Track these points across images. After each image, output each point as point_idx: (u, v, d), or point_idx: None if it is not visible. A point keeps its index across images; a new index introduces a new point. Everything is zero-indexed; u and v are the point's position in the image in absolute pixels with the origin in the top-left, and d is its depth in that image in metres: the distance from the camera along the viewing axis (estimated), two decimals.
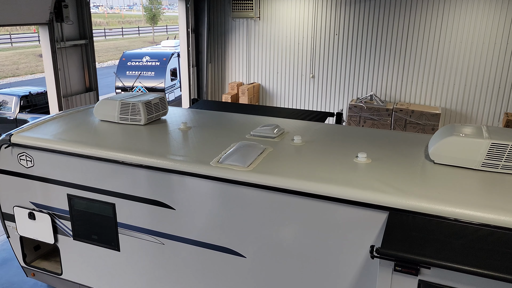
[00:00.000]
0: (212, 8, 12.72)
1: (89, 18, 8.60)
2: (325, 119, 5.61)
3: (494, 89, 10.57)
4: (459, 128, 3.59)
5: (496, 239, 2.64)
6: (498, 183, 3.17)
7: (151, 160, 3.75)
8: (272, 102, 12.90)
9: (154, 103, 4.81)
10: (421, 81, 11.15)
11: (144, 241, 4.03)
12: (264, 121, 4.93)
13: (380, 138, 4.30)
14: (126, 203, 3.98)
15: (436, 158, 3.52)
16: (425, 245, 2.61)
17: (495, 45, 10.31)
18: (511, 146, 3.23)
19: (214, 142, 4.15)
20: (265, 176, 3.37)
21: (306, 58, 12.20)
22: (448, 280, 2.64)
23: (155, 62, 15.77)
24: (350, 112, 11.21)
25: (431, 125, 10.43)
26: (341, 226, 3.19)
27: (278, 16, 12.14)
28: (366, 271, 3.20)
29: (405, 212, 2.95)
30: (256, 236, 3.51)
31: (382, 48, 11.33)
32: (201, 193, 3.63)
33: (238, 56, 12.97)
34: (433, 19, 10.65)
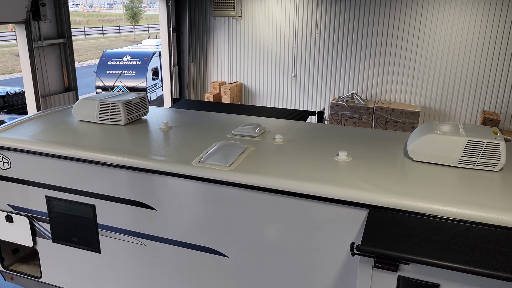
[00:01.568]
0: (193, 7, 12.66)
1: (68, 17, 8.46)
2: (307, 118, 5.65)
3: (472, 87, 10.80)
4: (436, 126, 3.66)
5: (472, 234, 2.70)
6: (474, 179, 3.24)
7: (132, 160, 3.71)
8: (254, 101, 12.92)
9: (134, 102, 4.76)
10: (401, 80, 11.32)
11: (125, 243, 3.99)
12: (246, 120, 4.93)
13: (361, 136, 4.35)
14: (106, 204, 3.93)
15: (414, 155, 3.58)
16: (403, 242, 2.65)
17: (472, 44, 10.53)
18: (486, 143, 3.31)
19: (195, 141, 4.13)
20: (247, 175, 3.37)
21: (288, 57, 12.25)
22: (426, 276, 2.69)
23: (136, 61, 15.61)
24: (332, 110, 11.30)
25: (411, 123, 10.59)
26: (323, 224, 3.22)
27: (260, 15, 12.16)
28: (348, 268, 3.24)
29: (384, 209, 2.99)
30: (238, 235, 3.52)
31: (362, 47, 11.45)
32: (182, 193, 3.61)
33: (220, 55, 12.94)
34: (412, 19, 10.81)
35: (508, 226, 2.72)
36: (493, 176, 3.29)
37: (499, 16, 10.18)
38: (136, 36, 44.46)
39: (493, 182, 3.18)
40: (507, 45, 10.28)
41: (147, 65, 15.44)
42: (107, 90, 15.12)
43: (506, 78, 10.47)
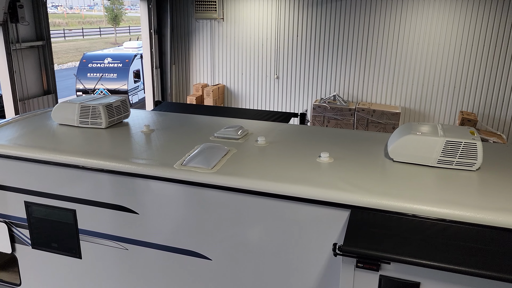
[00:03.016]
0: (175, 9, 12.60)
1: (46, 19, 8.33)
2: (289, 120, 5.68)
3: (450, 88, 11.02)
4: (415, 126, 3.72)
5: (451, 233, 2.75)
6: (453, 179, 3.30)
7: (113, 164, 3.67)
8: (237, 103, 12.92)
9: (115, 105, 4.71)
10: (381, 81, 11.48)
11: (106, 247, 3.94)
12: (228, 122, 4.93)
13: (342, 137, 4.39)
14: (87, 209, 3.88)
15: (394, 156, 3.63)
16: (385, 241, 2.68)
17: (450, 46, 10.75)
18: (464, 143, 3.38)
19: (177, 144, 4.11)
20: (229, 177, 3.37)
21: (270, 59, 12.30)
22: (407, 274, 2.73)
23: (117, 63, 15.45)
24: (314, 112, 11.38)
25: (391, 124, 10.75)
26: (305, 225, 3.23)
27: (242, 17, 12.18)
28: (331, 268, 3.26)
29: (366, 209, 3.03)
30: (221, 238, 3.51)
31: (344, 49, 11.57)
32: (165, 196, 3.58)
33: (202, 58, 12.91)
34: (392, 22, 10.98)
35: (485, 224, 2.78)
36: (471, 175, 3.36)
37: (475, 20, 10.42)
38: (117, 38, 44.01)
39: (471, 181, 3.25)
40: (483, 47, 10.53)
41: (128, 67, 15.30)
42: (88, 93, 14.93)
43: (483, 80, 10.72)
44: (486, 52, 10.52)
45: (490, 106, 10.86)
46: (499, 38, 10.38)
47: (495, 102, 10.80)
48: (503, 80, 10.60)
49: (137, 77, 16.01)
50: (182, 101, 13.45)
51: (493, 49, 10.48)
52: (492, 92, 10.76)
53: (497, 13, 10.25)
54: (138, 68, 15.98)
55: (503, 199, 2.98)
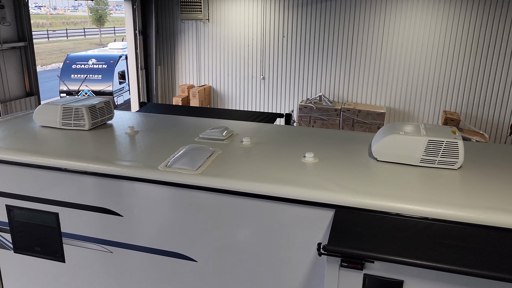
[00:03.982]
0: (160, 9, 12.54)
1: (28, 19, 8.20)
2: (275, 120, 5.69)
3: (433, 88, 11.17)
4: (399, 126, 3.76)
5: (434, 231, 2.79)
6: (435, 177, 3.35)
7: (96, 166, 3.63)
8: (223, 104, 12.90)
9: (99, 107, 4.66)
10: (366, 82, 11.57)
11: (90, 250, 3.89)
12: (214, 123, 4.92)
13: (328, 137, 4.41)
14: (70, 212, 3.83)
15: (378, 155, 3.67)
16: (368, 240, 2.71)
17: (433, 47, 10.90)
18: (446, 142, 3.43)
19: (162, 146, 4.08)
20: (214, 178, 3.36)
21: (256, 59, 12.31)
22: (391, 273, 2.76)
23: (102, 64, 15.30)
24: (300, 112, 11.43)
25: (377, 123, 10.84)
26: (290, 225, 3.24)
27: (227, 18, 12.17)
28: (316, 268, 3.27)
29: (350, 209, 3.05)
30: (207, 239, 3.50)
31: (329, 50, 11.64)
32: (149, 198, 3.56)
33: (188, 58, 12.87)
34: (376, 23, 11.09)
35: (467, 222, 2.82)
36: (453, 174, 3.41)
37: (458, 21, 10.58)
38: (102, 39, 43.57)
39: (453, 180, 3.30)
40: (465, 48, 10.70)
41: (113, 68, 15.16)
42: (72, 95, 14.75)
43: (465, 80, 10.90)
44: (469, 53, 10.70)
45: (473, 106, 11.04)
46: (480, 39, 10.56)
47: (477, 102, 10.98)
48: (485, 81, 10.78)
49: (122, 78, 15.87)
50: (168, 102, 13.37)
51: (475, 50, 10.65)
52: (475, 92, 10.93)
53: (478, 15, 10.42)
54: (123, 69, 15.84)
55: (484, 197, 3.03)
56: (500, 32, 10.41)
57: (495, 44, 10.52)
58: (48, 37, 46.12)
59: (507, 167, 3.61)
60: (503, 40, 10.44)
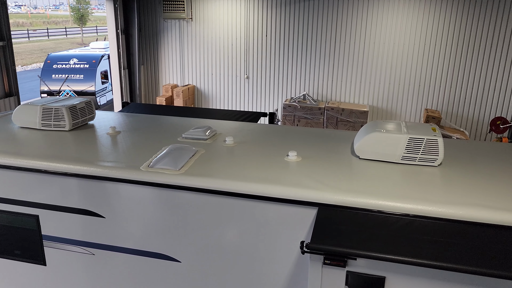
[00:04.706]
0: (142, 8, 12.42)
1: (6, 19, 8.04)
2: (258, 119, 5.69)
3: (415, 87, 11.32)
4: (380, 124, 3.80)
5: (415, 227, 2.82)
6: (416, 174, 3.39)
7: (77, 167, 3.58)
8: (208, 104, 12.86)
9: (79, 107, 4.59)
10: (350, 81, 11.67)
11: (72, 253, 3.84)
12: (197, 123, 4.89)
13: (311, 136, 4.43)
14: (50, 214, 3.76)
15: (361, 153, 3.70)
16: (351, 238, 2.72)
17: (415, 46, 11.04)
18: (426, 139, 3.47)
19: (144, 146, 4.05)
20: (197, 178, 3.34)
21: (240, 59, 12.30)
22: (373, 269, 2.78)
23: (83, 64, 15.10)
24: (284, 111, 11.46)
25: (360, 122, 10.93)
26: (274, 224, 3.25)
27: (211, 17, 12.13)
28: (300, 266, 3.28)
29: (333, 206, 3.06)
30: (190, 239, 3.48)
31: (313, 49, 11.70)
32: (131, 199, 3.52)
33: (171, 58, 12.78)
34: (359, 23, 11.18)
35: (447, 218, 2.87)
36: (433, 170, 3.46)
37: (438, 21, 10.74)
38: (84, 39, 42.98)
39: (433, 177, 3.35)
40: (446, 47, 10.87)
41: (95, 68, 14.98)
42: (53, 95, 14.52)
43: (446, 78, 11.07)
44: (449, 52, 10.87)
45: (454, 104, 11.22)
46: (460, 39, 10.74)
47: (458, 100, 11.17)
48: (465, 79, 10.97)
49: (105, 78, 15.68)
50: (151, 102, 13.27)
51: (455, 49, 10.83)
52: (455, 90, 11.11)
53: (458, 15, 10.60)
54: (106, 69, 15.65)
55: (463, 193, 3.08)
56: (479, 32, 10.60)
57: (474, 44, 10.71)
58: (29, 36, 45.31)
59: (486, 163, 3.68)
60: (482, 40, 10.64)
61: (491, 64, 10.77)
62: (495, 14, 10.43)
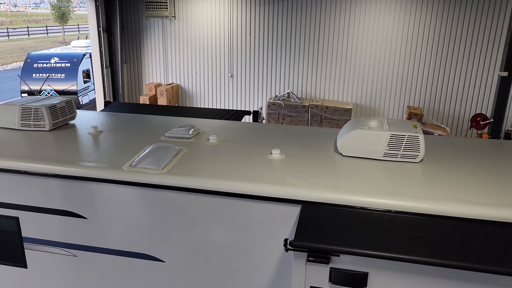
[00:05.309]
0: (124, 6, 12.28)
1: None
2: (242, 118, 5.68)
3: (398, 84, 11.45)
4: (363, 121, 3.83)
5: (397, 223, 2.86)
6: (398, 171, 3.43)
7: (58, 168, 3.52)
8: (192, 103, 12.79)
9: (60, 107, 4.52)
10: (333, 78, 11.73)
11: (54, 255, 3.78)
12: (180, 122, 4.86)
13: (294, 134, 4.44)
14: (31, 216, 3.70)
15: (343, 151, 3.72)
16: (334, 235, 2.74)
17: (397, 44, 11.17)
18: (407, 136, 3.52)
19: (126, 145, 4.00)
20: (180, 177, 3.32)
21: (224, 57, 12.27)
22: (356, 265, 2.81)
23: (65, 63, 14.87)
24: (269, 109, 11.47)
25: (344, 119, 11.01)
26: (258, 223, 3.25)
27: (194, 15, 12.06)
28: (285, 263, 3.29)
29: (316, 204, 3.08)
30: (174, 239, 3.46)
31: (296, 47, 11.73)
32: (114, 199, 3.48)
33: (155, 56, 12.67)
34: (342, 21, 11.25)
35: (428, 213, 2.91)
36: (415, 167, 3.51)
37: (419, 20, 10.88)
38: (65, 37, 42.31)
39: (414, 173, 3.39)
40: (427, 45, 11.02)
41: (77, 67, 14.76)
42: (34, 94, 14.27)
43: (427, 76, 11.23)
44: (430, 50, 11.02)
45: (435, 101, 11.39)
46: (441, 37, 10.89)
47: (439, 97, 11.33)
48: (446, 77, 11.14)
49: (87, 77, 15.47)
50: (135, 101, 13.13)
51: (436, 48, 10.98)
52: (437, 88, 11.28)
53: (438, 13, 10.75)
54: (88, 67, 15.45)
55: (444, 189, 3.13)
56: (459, 31, 10.77)
57: (454, 42, 10.88)
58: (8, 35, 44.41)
59: (466, 159, 3.74)
60: (462, 39, 10.81)
61: (471, 62, 10.95)
62: (474, 13, 10.61)
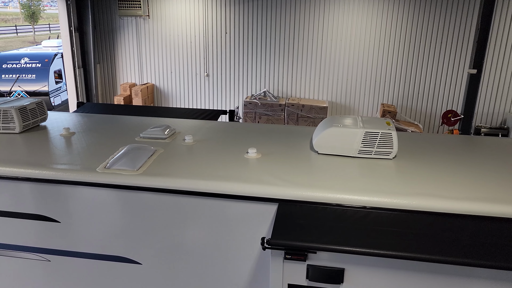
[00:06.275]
0: (96, 5, 12.05)
1: None
2: (218, 117, 5.66)
3: (372, 82, 11.63)
4: (337, 119, 3.87)
5: (371, 219, 2.90)
6: (372, 167, 3.49)
7: (28, 171, 3.43)
8: (167, 103, 12.68)
9: (30, 108, 4.40)
10: (309, 77, 11.83)
11: (26, 260, 3.68)
12: (155, 122, 4.81)
13: (271, 133, 4.46)
14: (1, 221, 3.59)
15: (319, 148, 3.76)
16: (310, 232, 2.77)
17: (370, 43, 11.35)
18: (381, 133, 3.58)
19: (100, 147, 3.93)
20: (156, 178, 3.29)
21: (200, 56, 12.20)
22: (332, 262, 2.84)
23: (35, 63, 14.49)
24: (245, 109, 11.47)
25: (320, 117, 11.12)
26: (235, 222, 3.24)
27: (168, 14, 11.95)
28: (262, 262, 3.30)
29: (293, 202, 3.10)
30: (151, 241, 3.42)
31: (272, 46, 11.77)
32: (88, 202, 3.42)
33: (129, 56, 12.49)
34: (316, 20, 11.35)
35: (401, 208, 2.97)
36: (388, 163, 3.57)
37: (391, 19, 11.08)
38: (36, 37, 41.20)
39: (388, 169, 3.45)
40: (399, 44, 11.24)
41: (48, 67, 14.41)
42: (3, 96, 13.86)
43: (400, 74, 11.45)
44: (402, 48, 11.24)
45: (408, 99, 11.63)
46: (412, 36, 11.13)
47: (412, 95, 11.58)
48: (418, 74, 11.39)
49: (59, 77, 15.12)
50: (109, 101, 12.91)
51: (408, 46, 11.21)
52: (409, 85, 11.52)
53: (409, 13, 10.97)
54: (60, 68, 15.09)
55: (416, 184, 3.20)
56: (429, 30, 11.03)
57: (425, 41, 11.13)
58: None
59: (438, 155, 3.83)
60: (433, 37, 11.07)
61: (442, 60, 11.23)
62: (444, 13, 10.88)
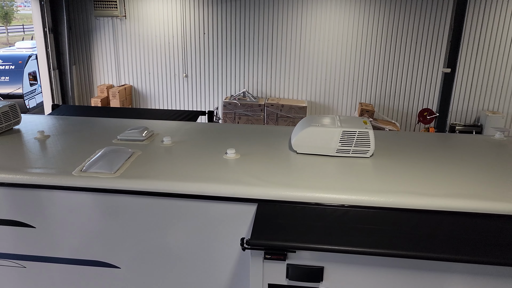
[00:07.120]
0: (71, 5, 11.83)
1: None
2: (197, 118, 5.62)
3: (350, 82, 11.77)
4: (316, 119, 3.90)
5: (350, 217, 2.94)
6: (350, 166, 3.53)
7: (1, 175, 3.34)
8: (146, 104, 12.54)
9: (2, 111, 4.29)
10: (288, 77, 11.89)
11: (0, 267, 3.58)
12: (133, 124, 4.75)
13: (250, 133, 4.46)
14: None
15: (298, 148, 3.78)
16: (290, 231, 2.78)
17: (347, 43, 11.48)
18: (358, 132, 3.62)
19: (76, 150, 3.86)
20: (134, 180, 3.25)
21: (178, 57, 12.11)
22: (311, 260, 2.86)
23: (9, 65, 14.15)
24: (225, 109, 11.45)
25: (299, 117, 11.19)
26: (215, 223, 3.23)
27: (145, 15, 11.82)
28: (242, 263, 3.30)
29: (272, 202, 3.11)
30: (129, 244, 3.38)
31: (251, 46, 11.78)
32: (64, 206, 3.35)
33: (106, 57, 12.31)
34: (295, 21, 11.42)
35: (379, 206, 3.01)
36: (366, 162, 3.62)
37: (368, 19, 11.24)
38: (9, 38, 40.19)
39: (365, 168, 3.50)
40: (376, 44, 11.40)
41: (22, 69, 14.08)
42: None
43: (377, 74, 11.62)
44: (379, 49, 11.41)
45: (385, 98, 11.81)
46: (388, 36, 11.31)
47: (389, 94, 11.76)
48: (394, 74, 11.58)
49: (34, 79, 14.79)
50: (86, 103, 12.70)
51: (384, 46, 11.38)
52: (386, 85, 11.70)
53: (385, 14, 11.15)
54: (35, 69, 14.77)
55: (394, 182, 3.25)
56: (405, 30, 11.23)
57: (401, 41, 11.33)
58: None
59: (415, 153, 3.90)
60: (408, 37, 11.28)
61: (417, 60, 11.45)
62: (418, 14, 11.09)
